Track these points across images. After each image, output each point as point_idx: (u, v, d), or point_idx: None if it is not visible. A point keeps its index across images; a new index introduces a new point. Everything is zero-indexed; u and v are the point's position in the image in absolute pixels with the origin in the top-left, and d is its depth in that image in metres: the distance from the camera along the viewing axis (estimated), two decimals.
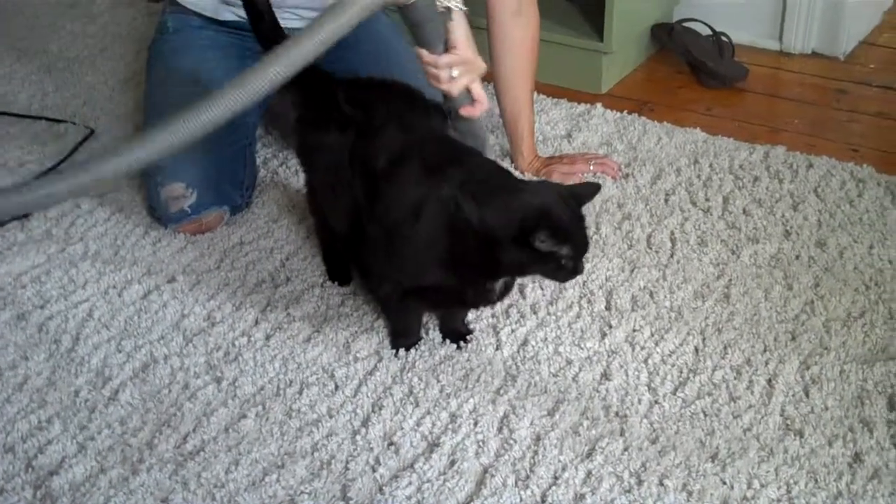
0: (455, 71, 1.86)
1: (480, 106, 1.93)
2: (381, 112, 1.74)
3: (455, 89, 1.88)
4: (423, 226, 1.60)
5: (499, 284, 1.66)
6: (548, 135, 2.39)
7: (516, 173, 2.22)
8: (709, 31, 2.69)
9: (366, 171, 1.70)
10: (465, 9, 1.87)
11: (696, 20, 2.72)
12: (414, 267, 1.65)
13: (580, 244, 1.58)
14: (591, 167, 2.22)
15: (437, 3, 1.83)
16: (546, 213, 1.55)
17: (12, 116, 2.51)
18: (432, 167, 1.63)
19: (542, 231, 1.52)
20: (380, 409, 1.65)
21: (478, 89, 1.91)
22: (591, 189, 1.65)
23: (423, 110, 1.78)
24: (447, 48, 1.86)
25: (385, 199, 1.67)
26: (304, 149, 1.90)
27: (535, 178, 2.20)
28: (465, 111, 1.92)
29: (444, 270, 1.62)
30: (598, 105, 2.50)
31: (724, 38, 2.67)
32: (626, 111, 2.48)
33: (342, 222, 1.81)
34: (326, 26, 1.53)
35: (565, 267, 1.58)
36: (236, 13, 2.17)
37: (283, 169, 2.28)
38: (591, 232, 2.03)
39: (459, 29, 1.86)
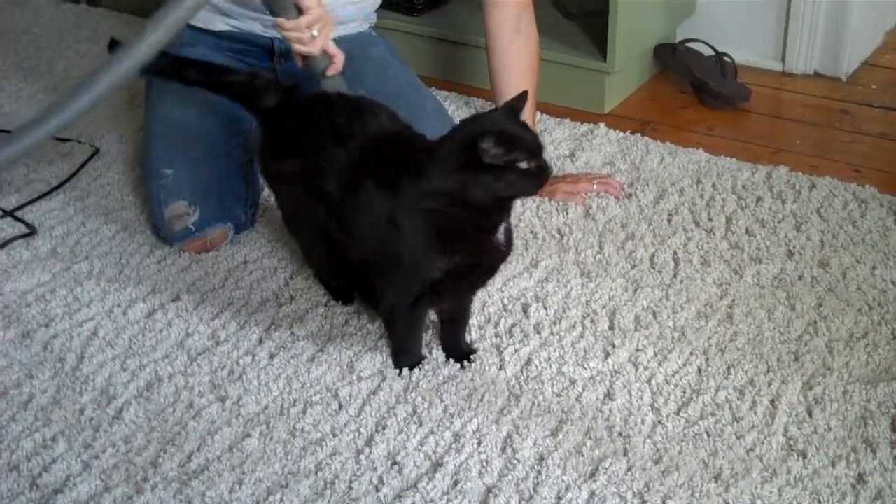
0: (314, 30, 1.89)
1: (339, 59, 1.94)
2: (322, 130, 1.77)
3: (316, 48, 1.90)
4: (408, 233, 1.62)
5: (500, 235, 1.65)
6: (551, 154, 2.40)
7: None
8: (711, 52, 2.70)
9: (320, 194, 1.74)
10: None
11: (698, 41, 2.73)
12: (419, 270, 1.66)
13: (531, 144, 1.58)
14: (595, 186, 2.23)
15: None
16: (479, 127, 1.57)
17: None
18: (382, 179, 1.66)
19: (483, 142, 1.53)
20: (383, 428, 1.65)
21: (332, 47, 1.93)
22: (519, 98, 1.65)
23: (363, 115, 1.79)
24: (300, 11, 1.88)
25: (356, 229, 1.70)
26: (269, 177, 1.94)
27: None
28: (330, 70, 1.93)
29: (448, 252, 1.63)
30: (601, 125, 2.51)
31: (726, 59, 2.68)
32: (628, 131, 2.49)
33: (317, 247, 1.85)
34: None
35: (529, 172, 1.57)
36: (228, 23, 2.18)
37: None
38: (593, 252, 2.05)
39: None
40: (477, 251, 1.65)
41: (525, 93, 1.66)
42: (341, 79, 1.96)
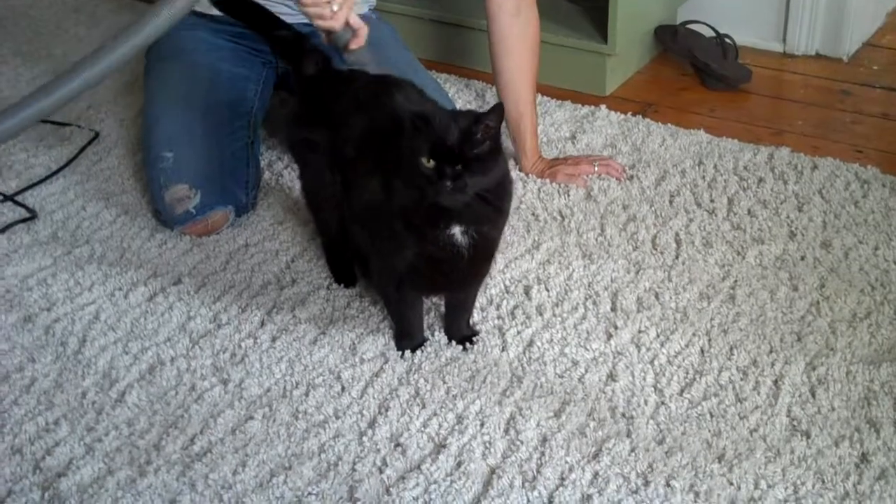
0: (335, 5, 1.85)
1: (362, 31, 1.91)
2: (350, 103, 1.78)
3: (338, 23, 1.87)
4: (389, 213, 1.62)
5: (456, 234, 1.60)
6: (552, 136, 2.40)
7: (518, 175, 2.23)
8: (712, 33, 2.69)
9: (340, 165, 1.75)
10: None
11: (699, 22, 2.72)
12: (392, 252, 1.66)
13: (445, 146, 1.52)
14: (596, 168, 2.22)
15: None
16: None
17: None
18: (383, 154, 1.65)
19: (407, 116, 1.53)
20: (386, 410, 1.65)
21: (355, 19, 1.90)
22: (494, 109, 1.57)
23: (393, 91, 1.78)
24: None
25: (356, 187, 1.70)
26: (293, 147, 1.94)
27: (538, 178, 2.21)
28: (353, 44, 1.90)
29: (412, 239, 1.62)
30: (602, 107, 2.50)
31: (727, 40, 2.67)
32: (630, 113, 2.48)
33: (332, 219, 1.85)
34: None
35: (428, 171, 1.52)
36: None
37: (287, 171, 2.28)
38: (595, 233, 2.05)
39: None
40: (434, 245, 1.62)
41: (500, 107, 1.59)
42: (367, 52, 1.95)
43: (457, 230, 1.60)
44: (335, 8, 1.85)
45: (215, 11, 2.18)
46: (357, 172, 1.71)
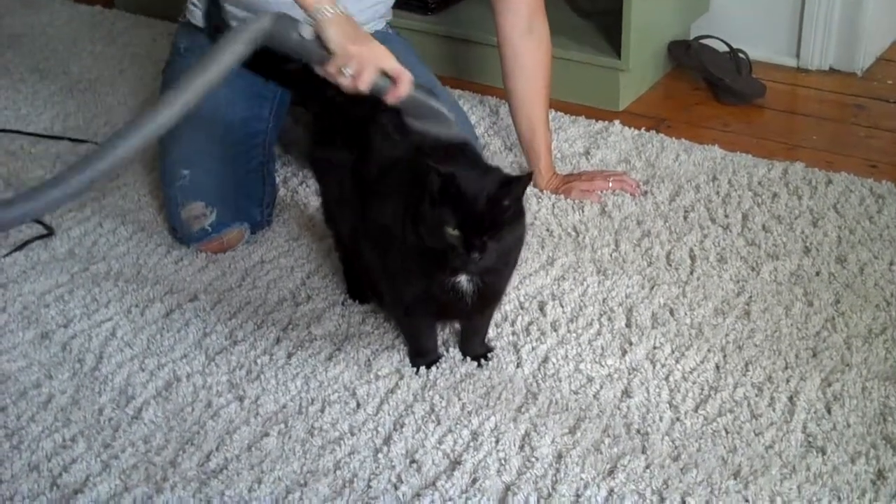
0: (348, 69, 1.68)
1: (403, 79, 1.71)
2: (376, 126, 1.75)
3: (364, 85, 1.69)
4: (398, 246, 1.62)
5: (465, 282, 1.61)
6: (566, 152, 2.40)
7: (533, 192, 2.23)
8: (726, 48, 2.69)
9: (361, 186, 1.74)
10: (331, 13, 1.70)
11: (713, 37, 2.72)
12: (399, 283, 1.67)
13: (473, 215, 1.50)
14: (610, 184, 2.23)
15: (300, 25, 1.70)
16: (445, 163, 1.53)
17: (35, 136, 2.54)
18: (402, 185, 1.63)
19: (432, 173, 1.50)
20: (401, 426, 1.65)
21: (391, 67, 1.71)
22: (521, 179, 1.57)
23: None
24: (330, 53, 1.69)
25: (373, 210, 1.70)
26: (314, 163, 1.93)
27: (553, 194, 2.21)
28: (391, 97, 1.71)
29: (419, 276, 1.62)
30: (616, 122, 2.51)
31: (741, 55, 2.67)
32: (643, 128, 2.49)
33: (349, 238, 1.85)
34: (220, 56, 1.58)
35: (453, 240, 1.51)
36: None
37: (302, 188, 2.29)
38: (609, 249, 2.05)
39: (329, 29, 1.69)
40: (440, 288, 1.62)
41: (529, 175, 1.60)
42: (417, 100, 1.75)
43: (462, 279, 1.61)
44: (349, 72, 1.68)
45: None
46: (376, 195, 1.70)
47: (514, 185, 1.55)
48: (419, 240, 1.57)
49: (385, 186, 1.68)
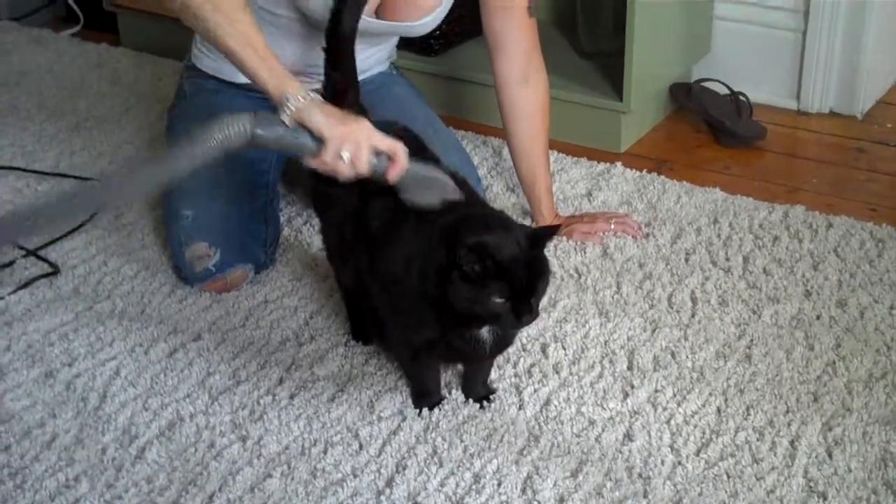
0: (344, 152, 1.64)
1: (398, 156, 1.66)
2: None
3: (362, 167, 1.65)
4: (406, 293, 1.63)
5: (486, 334, 1.63)
6: (568, 194, 2.42)
7: None
8: (727, 91, 2.72)
9: (363, 231, 1.74)
10: (306, 97, 1.67)
11: (713, 80, 2.75)
12: (415, 323, 1.67)
13: (518, 281, 1.51)
14: (612, 226, 2.24)
15: (282, 115, 1.67)
16: (477, 234, 1.51)
17: (41, 174, 2.56)
18: (424, 221, 1.64)
19: (463, 251, 1.48)
20: (404, 468, 1.66)
21: (383, 144, 1.66)
22: (550, 230, 1.62)
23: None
24: (320, 140, 1.66)
25: (381, 258, 1.70)
26: (315, 198, 1.93)
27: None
28: (392, 175, 1.67)
29: (433, 326, 1.63)
30: (618, 164, 2.53)
31: (741, 98, 2.69)
32: (645, 170, 2.51)
33: (349, 276, 1.86)
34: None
35: (500, 308, 1.52)
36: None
37: (306, 228, 2.31)
38: (611, 291, 2.06)
39: (314, 115, 1.66)
40: (458, 339, 1.64)
41: (556, 227, 1.63)
42: (422, 169, 1.69)
43: (485, 330, 1.63)
44: (346, 156, 1.64)
45: (238, 79, 2.21)
46: (383, 240, 1.70)
47: (544, 239, 1.58)
48: (446, 302, 1.55)
49: (393, 231, 1.69)
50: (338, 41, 1.85)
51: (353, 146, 1.64)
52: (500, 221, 1.63)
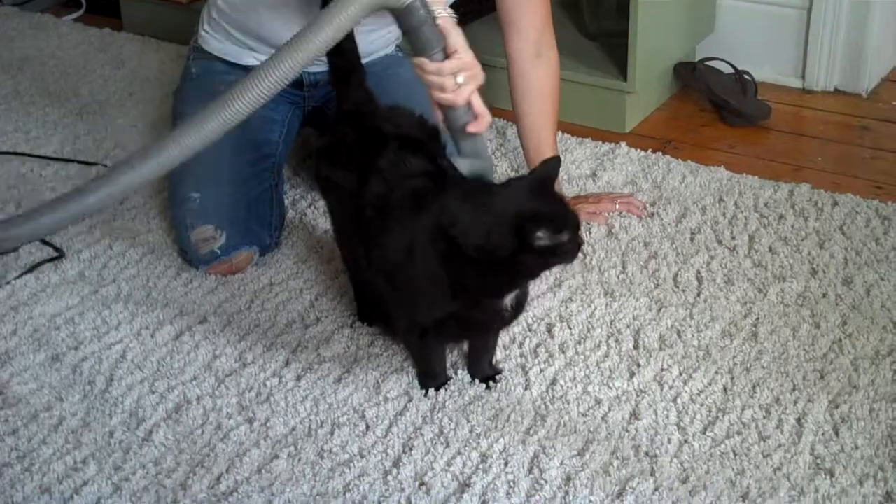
0: (460, 77, 1.70)
1: (485, 119, 1.75)
2: (380, 157, 1.74)
3: (460, 98, 1.71)
4: (420, 264, 1.63)
5: (509, 301, 1.66)
6: (573, 174, 2.41)
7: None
8: (731, 70, 2.71)
9: (360, 214, 1.74)
10: (455, 16, 1.75)
11: (718, 59, 2.74)
12: (424, 304, 1.67)
13: (572, 222, 1.59)
14: (617, 206, 2.24)
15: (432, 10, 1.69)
16: (534, 213, 1.56)
17: (45, 159, 2.56)
18: (418, 206, 1.65)
19: (538, 230, 1.54)
20: (410, 449, 1.66)
21: (478, 102, 1.74)
22: (552, 164, 1.67)
23: (423, 144, 1.77)
24: (447, 54, 1.71)
25: (378, 245, 1.70)
26: (321, 182, 1.93)
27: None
28: (472, 127, 1.74)
29: (452, 300, 1.63)
30: (623, 144, 2.52)
31: (746, 77, 2.68)
32: (650, 150, 2.50)
33: (352, 257, 1.86)
34: (322, 29, 1.57)
35: (569, 250, 1.59)
36: (258, 59, 2.20)
37: (311, 210, 2.30)
38: (617, 271, 2.06)
39: (456, 33, 1.72)
40: (480, 309, 1.66)
41: (558, 159, 1.67)
42: (482, 141, 1.78)
43: (508, 297, 1.65)
44: (460, 80, 1.69)
45: (245, 62, 2.21)
46: (379, 230, 1.70)
47: (556, 166, 1.66)
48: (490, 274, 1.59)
49: (403, 214, 1.67)
50: None
51: (471, 76, 1.71)
52: (514, 190, 1.64)
